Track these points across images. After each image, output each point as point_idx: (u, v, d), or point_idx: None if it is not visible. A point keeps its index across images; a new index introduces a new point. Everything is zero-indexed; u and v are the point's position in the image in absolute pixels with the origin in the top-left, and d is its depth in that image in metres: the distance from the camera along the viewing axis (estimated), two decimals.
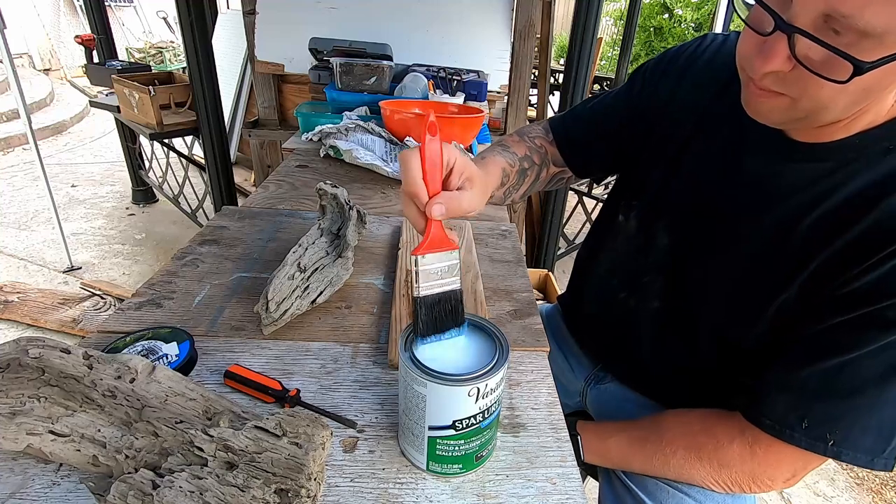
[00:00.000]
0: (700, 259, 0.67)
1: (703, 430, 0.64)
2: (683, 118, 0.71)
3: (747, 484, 0.61)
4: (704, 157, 0.68)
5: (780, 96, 0.50)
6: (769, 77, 0.49)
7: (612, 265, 0.83)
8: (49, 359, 0.49)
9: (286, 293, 0.68)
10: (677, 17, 6.72)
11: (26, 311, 2.09)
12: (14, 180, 3.56)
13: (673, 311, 0.72)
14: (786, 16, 0.45)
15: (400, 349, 0.49)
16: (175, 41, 6.41)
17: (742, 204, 0.63)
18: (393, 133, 1.36)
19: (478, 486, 0.51)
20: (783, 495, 1.65)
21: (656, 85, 0.75)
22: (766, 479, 0.60)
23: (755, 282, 0.61)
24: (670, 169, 0.72)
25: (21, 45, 6.48)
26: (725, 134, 0.66)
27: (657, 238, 0.72)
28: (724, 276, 0.64)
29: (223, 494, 0.41)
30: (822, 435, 0.54)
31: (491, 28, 2.00)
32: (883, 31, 0.41)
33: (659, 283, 0.73)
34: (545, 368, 0.68)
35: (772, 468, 0.59)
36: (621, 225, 0.79)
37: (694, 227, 0.68)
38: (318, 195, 0.87)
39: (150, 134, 2.26)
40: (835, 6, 0.42)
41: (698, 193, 0.68)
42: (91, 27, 2.86)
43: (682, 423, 0.67)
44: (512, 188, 0.79)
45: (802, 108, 0.50)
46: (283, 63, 1.98)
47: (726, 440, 0.61)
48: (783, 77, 0.48)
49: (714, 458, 0.62)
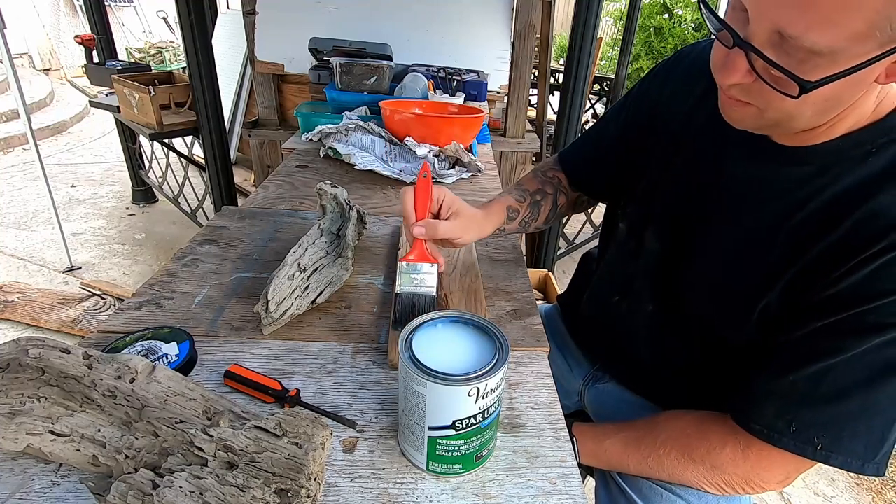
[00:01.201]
0: (689, 262, 0.67)
1: (697, 433, 0.64)
2: (670, 125, 0.72)
3: (741, 486, 0.61)
4: (690, 163, 0.69)
5: (747, 105, 0.52)
6: (734, 88, 0.51)
7: (609, 269, 0.84)
8: (49, 359, 0.49)
9: (286, 293, 0.68)
10: (677, 17, 6.71)
11: (26, 311, 2.09)
12: (14, 180, 3.56)
13: (667, 314, 0.72)
14: (743, 33, 0.47)
15: (400, 349, 0.49)
16: (175, 41, 6.41)
17: (727, 207, 0.63)
18: (393, 133, 1.36)
19: (478, 486, 0.51)
20: (783, 495, 1.65)
21: (645, 97, 0.77)
22: (760, 481, 0.60)
23: (740, 284, 0.61)
24: (658, 175, 0.73)
25: (21, 45, 6.48)
26: (710, 139, 0.66)
27: (647, 243, 0.73)
28: (711, 279, 0.65)
29: (223, 494, 0.41)
30: (810, 439, 0.54)
31: (491, 28, 2.00)
32: (829, 51, 0.42)
33: (649, 287, 0.74)
34: (545, 368, 0.68)
35: (764, 471, 0.59)
36: (619, 230, 0.81)
37: (681, 232, 0.69)
38: (318, 195, 0.87)
39: (150, 134, 2.26)
40: (782, 27, 0.43)
41: (684, 198, 0.69)
42: (91, 27, 2.86)
43: (677, 425, 0.67)
44: (528, 219, 0.86)
45: (770, 118, 0.51)
46: (283, 63, 1.98)
47: (719, 443, 0.61)
48: (747, 88, 0.50)
49: (707, 461, 0.62)
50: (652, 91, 0.76)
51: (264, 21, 1.95)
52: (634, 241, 0.76)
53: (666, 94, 0.74)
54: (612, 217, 0.86)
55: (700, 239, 0.66)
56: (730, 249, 0.62)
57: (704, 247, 0.65)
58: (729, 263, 0.62)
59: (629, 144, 0.79)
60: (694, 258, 0.67)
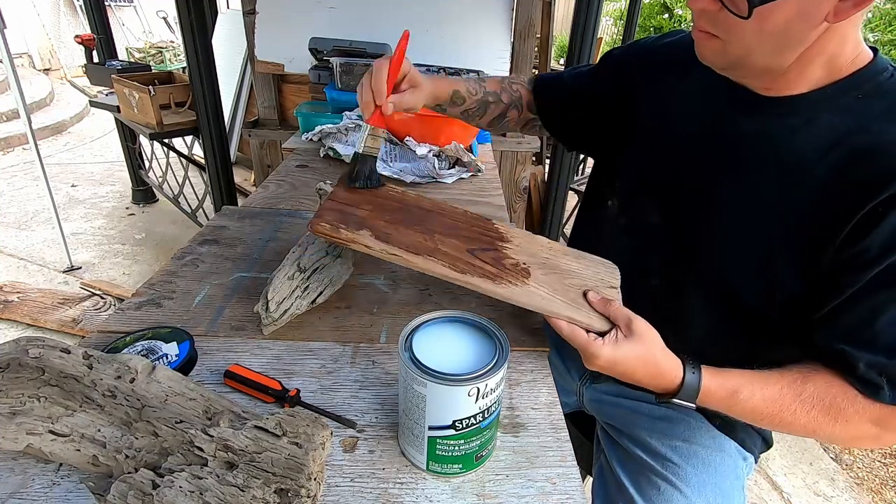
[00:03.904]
0: (696, 227, 0.68)
1: (842, 393, 0.60)
2: (652, 105, 0.74)
3: (868, 443, 0.63)
4: (681, 130, 0.70)
5: (713, 38, 0.57)
6: (703, 17, 0.57)
7: (605, 251, 0.81)
8: (49, 359, 0.49)
9: (286, 293, 0.68)
10: (677, 17, 6.72)
11: (26, 311, 2.09)
12: (14, 180, 3.56)
13: (674, 289, 0.71)
14: None
15: (400, 349, 0.49)
16: (175, 41, 6.40)
17: (730, 168, 0.64)
18: (393, 133, 1.36)
19: (478, 486, 0.51)
20: (783, 495, 1.65)
21: (626, 70, 0.80)
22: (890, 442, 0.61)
23: (762, 240, 0.62)
24: (645, 152, 0.74)
25: (21, 45, 6.48)
26: (698, 105, 0.69)
27: (645, 218, 0.73)
28: (730, 243, 0.65)
29: (223, 494, 0.41)
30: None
31: (491, 28, 2.00)
32: None
33: (656, 260, 0.73)
34: (545, 368, 0.68)
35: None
36: (609, 208, 0.80)
37: (686, 201, 0.69)
38: (318, 195, 0.87)
39: (150, 134, 2.26)
40: None
41: (681, 169, 0.69)
42: (91, 27, 2.86)
43: (820, 383, 0.62)
44: (472, 113, 0.89)
45: (732, 52, 0.57)
46: (283, 63, 1.98)
47: (862, 409, 0.60)
48: (713, 17, 0.55)
49: (849, 422, 0.60)
50: (627, 70, 0.80)
51: (264, 21, 1.95)
52: (626, 217, 0.76)
53: (643, 76, 0.77)
54: (596, 200, 0.84)
55: (704, 209, 0.66)
56: (744, 207, 0.63)
57: (714, 213, 0.65)
58: (745, 222, 0.63)
59: (600, 104, 0.83)
60: (704, 225, 0.67)
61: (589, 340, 0.59)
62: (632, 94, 0.77)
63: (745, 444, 0.78)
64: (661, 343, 0.61)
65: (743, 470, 0.78)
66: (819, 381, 0.61)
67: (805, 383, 0.61)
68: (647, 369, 0.61)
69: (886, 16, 5.23)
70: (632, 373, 0.61)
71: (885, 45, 5.16)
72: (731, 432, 0.78)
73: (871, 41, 5.36)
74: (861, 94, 0.57)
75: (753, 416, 0.63)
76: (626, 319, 0.61)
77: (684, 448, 0.77)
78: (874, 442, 0.62)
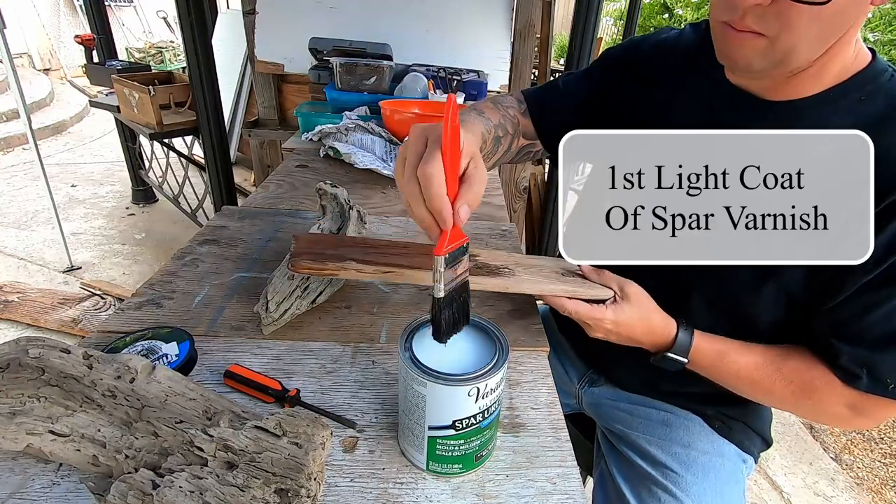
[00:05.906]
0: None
1: (821, 376, 0.63)
2: (654, 98, 0.73)
3: (841, 424, 0.65)
4: None
5: (758, 37, 0.52)
6: (750, 15, 0.51)
7: None
8: (49, 359, 0.49)
9: (286, 293, 0.68)
10: (677, 17, 6.72)
11: (26, 311, 2.09)
12: (14, 180, 3.56)
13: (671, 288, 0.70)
14: None
15: (400, 349, 0.49)
16: (175, 41, 6.40)
17: None
18: (393, 133, 1.36)
19: (478, 486, 0.51)
20: (783, 495, 1.65)
21: (621, 71, 0.78)
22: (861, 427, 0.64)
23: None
24: None
25: (21, 45, 6.48)
26: (697, 114, 0.68)
27: None
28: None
29: (223, 494, 0.41)
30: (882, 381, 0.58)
31: (491, 28, 2.00)
32: None
33: None
34: (545, 368, 0.68)
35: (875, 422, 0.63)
36: None
37: None
38: (318, 195, 0.87)
39: (149, 134, 2.26)
40: None
41: None
42: (91, 27, 2.86)
43: (802, 362, 0.65)
44: (487, 155, 0.77)
45: (779, 49, 0.52)
46: (283, 63, 1.98)
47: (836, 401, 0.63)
48: (763, 12, 0.51)
49: (819, 402, 0.64)
50: (612, 79, 0.78)
51: (264, 21, 1.95)
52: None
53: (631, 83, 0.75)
54: None
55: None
56: None
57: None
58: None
59: (600, 112, 0.80)
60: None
61: (593, 307, 0.64)
62: (629, 97, 0.76)
63: (744, 445, 0.78)
64: (654, 303, 0.66)
65: (743, 473, 0.78)
66: (800, 360, 0.64)
67: (787, 359, 0.65)
68: (644, 327, 0.65)
69: (886, 16, 5.23)
70: (632, 333, 0.65)
71: (885, 45, 5.16)
72: (730, 435, 0.78)
73: (871, 41, 5.36)
74: (863, 96, 0.56)
75: (737, 380, 0.67)
76: (619, 283, 0.66)
77: (683, 454, 0.76)
78: (845, 424, 0.65)
